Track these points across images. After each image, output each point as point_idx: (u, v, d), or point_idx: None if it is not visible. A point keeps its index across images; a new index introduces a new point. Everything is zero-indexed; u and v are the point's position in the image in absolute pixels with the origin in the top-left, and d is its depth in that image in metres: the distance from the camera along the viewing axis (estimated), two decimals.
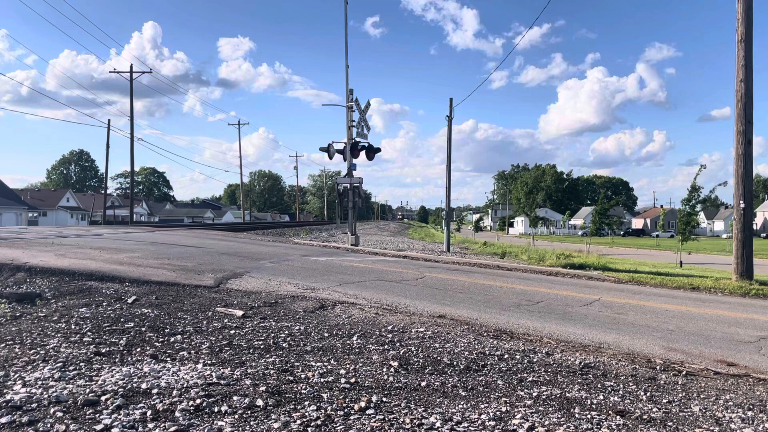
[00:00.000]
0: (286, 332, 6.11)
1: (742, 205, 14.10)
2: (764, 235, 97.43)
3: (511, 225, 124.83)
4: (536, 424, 3.73)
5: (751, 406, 4.49)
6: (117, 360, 4.77)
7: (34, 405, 3.63)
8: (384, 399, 4.08)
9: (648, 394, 4.67)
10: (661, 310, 9.21)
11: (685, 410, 4.30)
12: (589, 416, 3.97)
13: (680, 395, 4.71)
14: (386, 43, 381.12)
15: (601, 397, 4.49)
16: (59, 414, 3.50)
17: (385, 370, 4.89)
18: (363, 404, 3.92)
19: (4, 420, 3.36)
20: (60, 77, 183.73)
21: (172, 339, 5.60)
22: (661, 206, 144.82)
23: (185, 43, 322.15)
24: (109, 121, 58.93)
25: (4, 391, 3.88)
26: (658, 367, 5.65)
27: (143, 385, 4.08)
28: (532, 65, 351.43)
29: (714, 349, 6.64)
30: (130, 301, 7.47)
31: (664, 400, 4.51)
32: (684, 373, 5.49)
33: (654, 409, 4.25)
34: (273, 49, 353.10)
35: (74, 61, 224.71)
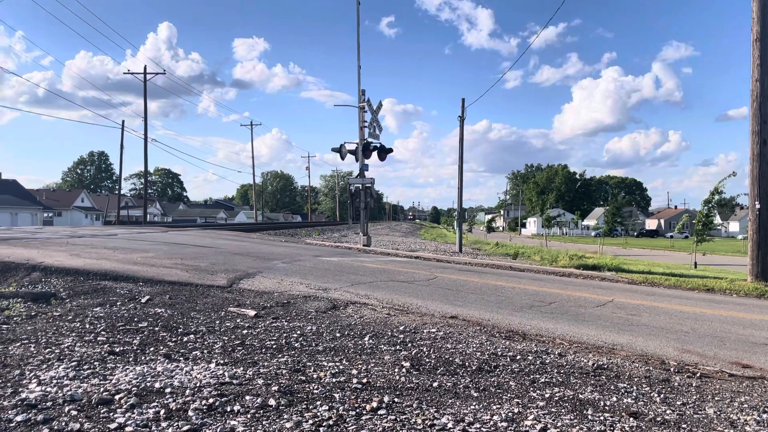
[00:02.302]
0: (298, 332, 6.13)
1: (758, 206, 13.97)
2: None
3: (524, 225, 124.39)
4: (549, 426, 3.71)
5: (766, 409, 4.44)
6: (131, 359, 4.81)
7: (49, 403, 3.66)
8: (396, 399, 4.08)
9: (662, 396, 4.63)
10: (675, 312, 9.14)
11: (700, 412, 4.26)
12: (602, 418, 3.95)
13: (694, 397, 4.67)
14: (401, 43, 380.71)
15: (615, 398, 4.47)
16: (74, 413, 3.53)
17: (396, 370, 4.89)
18: (375, 404, 3.92)
19: (19, 418, 3.39)
20: (76, 78, 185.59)
21: (185, 338, 5.63)
22: (675, 207, 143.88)
23: (200, 43, 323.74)
24: (123, 122, 59.34)
25: (20, 389, 3.92)
26: (672, 369, 5.60)
27: (157, 385, 4.11)
28: (547, 65, 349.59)
29: (729, 351, 6.58)
30: (143, 300, 7.52)
31: (678, 402, 4.48)
32: (698, 375, 5.44)
33: (668, 411, 4.22)
34: (287, 49, 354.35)
35: (90, 62, 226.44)
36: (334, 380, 4.47)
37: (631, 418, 3.98)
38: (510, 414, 3.90)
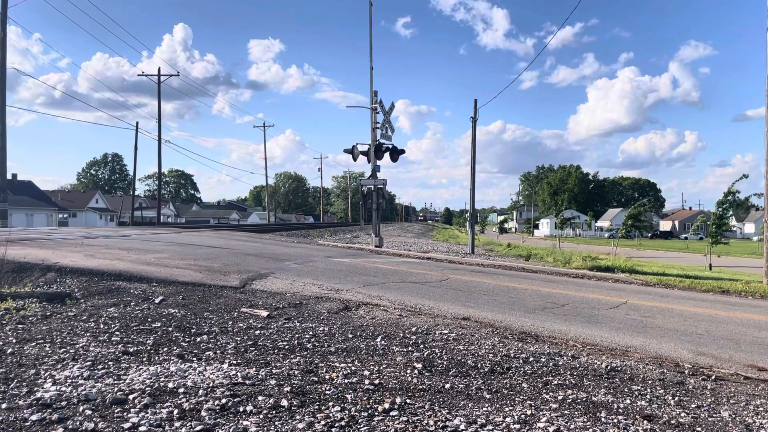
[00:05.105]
0: (311, 333, 6.14)
1: None
2: None
3: (536, 227, 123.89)
4: (562, 428, 3.70)
5: None
6: (144, 359, 4.84)
7: (64, 403, 3.69)
8: (408, 401, 4.08)
9: (676, 398, 4.60)
10: (690, 314, 9.07)
11: (714, 415, 4.22)
12: (615, 420, 3.92)
13: (709, 400, 4.63)
14: (416, 43, 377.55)
15: (628, 401, 4.44)
16: (88, 412, 3.56)
17: (408, 371, 4.89)
18: (387, 405, 3.92)
19: (34, 417, 3.42)
20: (91, 80, 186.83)
21: (198, 339, 5.66)
22: (690, 208, 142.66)
23: (216, 45, 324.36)
24: (137, 123, 59.79)
25: (35, 389, 3.95)
26: (686, 372, 5.56)
27: (170, 385, 4.13)
28: (563, 65, 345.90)
29: (744, 354, 6.52)
30: (157, 301, 7.57)
31: (693, 405, 4.44)
32: (713, 377, 5.40)
33: (682, 414, 4.19)
34: (302, 50, 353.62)
35: (106, 64, 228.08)
36: (346, 381, 4.47)
37: (645, 421, 3.95)
38: (523, 416, 3.89)
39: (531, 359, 5.59)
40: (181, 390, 4.03)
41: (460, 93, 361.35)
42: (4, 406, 3.60)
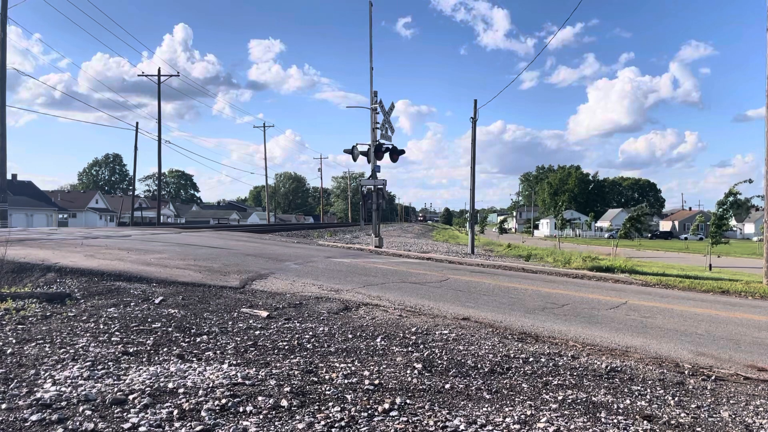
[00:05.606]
0: (311, 333, 6.14)
1: None
2: None
3: (536, 227, 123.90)
4: (562, 428, 3.70)
5: None
6: (144, 359, 4.84)
7: (64, 403, 3.69)
8: (408, 401, 4.08)
9: (676, 398, 4.60)
10: (690, 314, 9.07)
11: (714, 416, 4.22)
12: (615, 421, 3.92)
13: (709, 400, 4.63)
14: (417, 43, 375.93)
15: (628, 401, 4.44)
16: (88, 412, 3.56)
17: (408, 372, 4.89)
18: (387, 406, 3.92)
19: (34, 417, 3.42)
20: (92, 80, 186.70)
21: (198, 339, 5.66)
22: (690, 208, 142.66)
23: (216, 45, 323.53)
24: (137, 123, 59.82)
25: (35, 389, 3.95)
26: (686, 372, 5.56)
27: (170, 385, 4.13)
28: (563, 65, 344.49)
29: (744, 354, 6.52)
30: (157, 301, 7.57)
31: (693, 405, 4.44)
32: (713, 377, 5.40)
33: (682, 414, 4.19)
34: (303, 51, 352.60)
35: (106, 65, 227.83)
36: (346, 381, 4.47)
37: (645, 421, 3.95)
38: (522, 416, 3.89)
39: (531, 359, 5.59)
40: (181, 390, 4.03)
41: (461, 93, 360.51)
42: (4, 406, 3.60)
